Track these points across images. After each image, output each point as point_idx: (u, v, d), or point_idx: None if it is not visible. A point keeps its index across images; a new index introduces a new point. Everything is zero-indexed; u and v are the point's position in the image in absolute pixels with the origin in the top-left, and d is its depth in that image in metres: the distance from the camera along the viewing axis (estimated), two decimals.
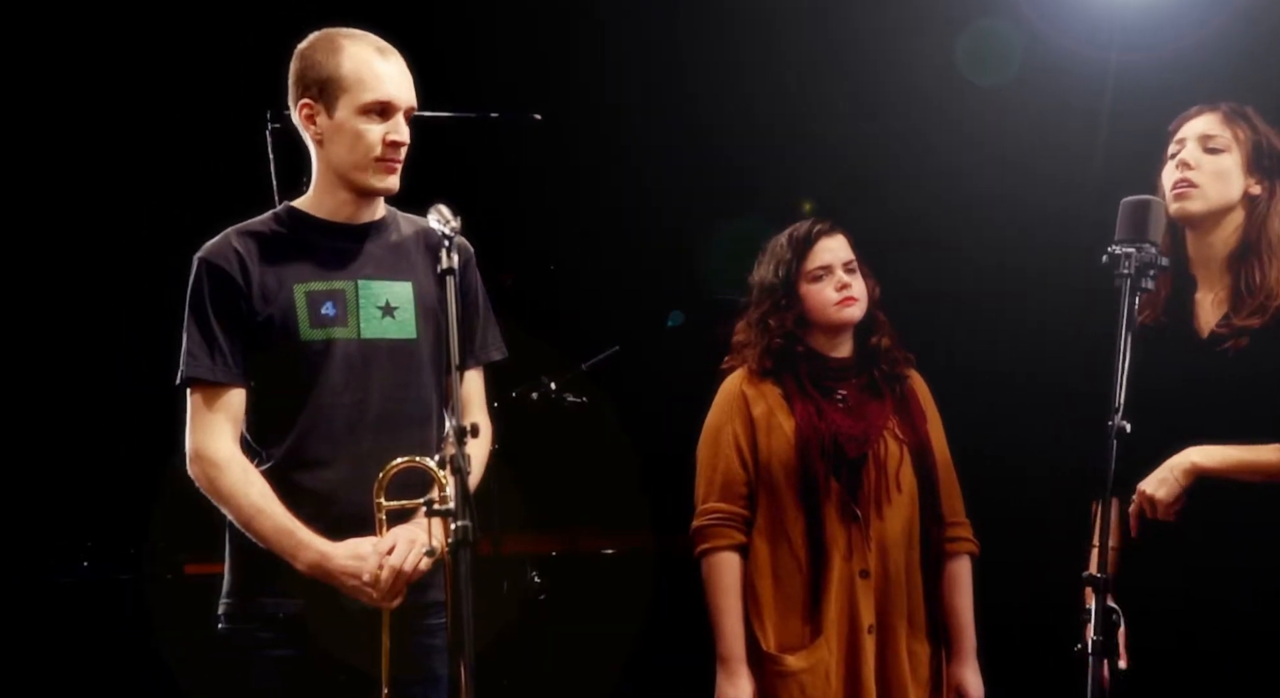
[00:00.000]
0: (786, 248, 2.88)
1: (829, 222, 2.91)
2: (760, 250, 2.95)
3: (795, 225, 2.92)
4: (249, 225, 2.43)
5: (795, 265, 2.86)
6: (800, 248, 2.87)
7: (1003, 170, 4.12)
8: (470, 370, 2.51)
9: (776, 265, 2.88)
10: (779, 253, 2.89)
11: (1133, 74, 3.96)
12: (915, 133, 4.29)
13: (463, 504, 1.94)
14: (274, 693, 2.31)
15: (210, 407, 2.34)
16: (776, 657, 2.74)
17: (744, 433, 2.83)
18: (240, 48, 4.15)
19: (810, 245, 2.86)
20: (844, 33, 4.33)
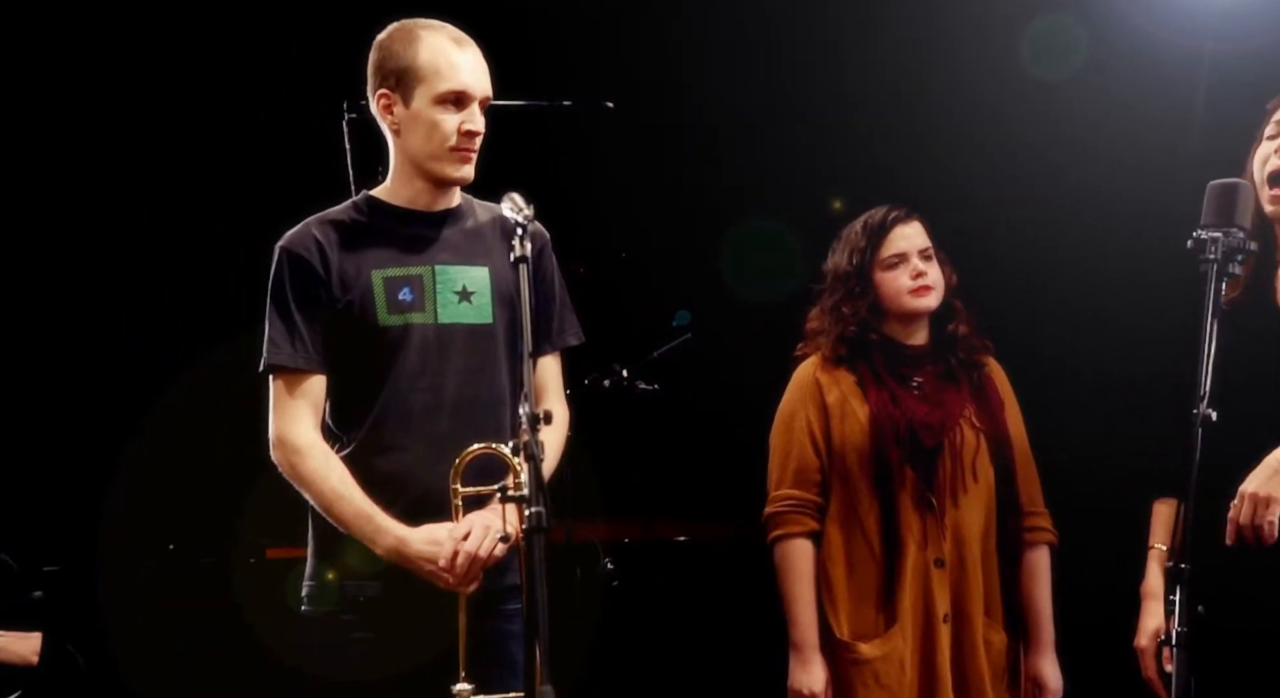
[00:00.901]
0: (861, 235, 2.86)
1: (905, 208, 2.88)
2: (835, 237, 2.93)
3: (870, 212, 2.89)
4: (328, 214, 2.46)
5: (870, 253, 2.83)
6: (875, 235, 2.84)
7: (1092, 162, 4.06)
8: (547, 356, 2.53)
9: (851, 252, 2.86)
10: (853, 240, 2.87)
11: (1228, 65, 3.88)
12: (1001, 122, 4.24)
13: (536, 491, 1.94)
14: (355, 675, 2.34)
15: (291, 393, 2.37)
16: (850, 645, 2.73)
17: (817, 420, 2.81)
18: (318, 40, 4.20)
19: (885, 233, 2.84)
20: (931, 22, 4.29)
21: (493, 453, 2.23)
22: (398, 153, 2.45)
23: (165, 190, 4.47)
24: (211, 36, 4.40)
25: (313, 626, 2.39)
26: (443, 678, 2.24)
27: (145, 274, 4.43)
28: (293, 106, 4.25)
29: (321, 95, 3.41)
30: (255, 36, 4.42)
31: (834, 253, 2.91)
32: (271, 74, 4.48)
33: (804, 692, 2.74)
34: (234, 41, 4.44)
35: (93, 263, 4.45)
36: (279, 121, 4.36)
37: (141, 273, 4.41)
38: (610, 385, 3.88)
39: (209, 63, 4.39)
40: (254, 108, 4.47)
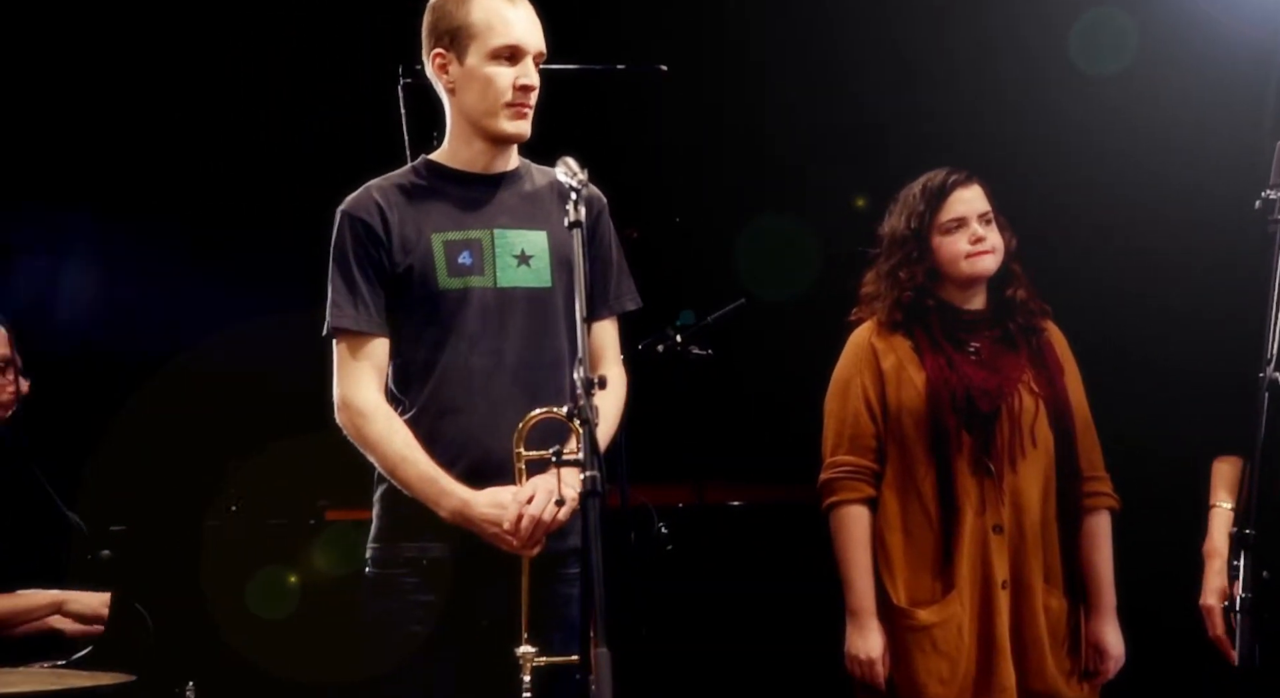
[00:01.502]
0: (919, 198, 2.82)
1: (965, 171, 2.85)
2: (892, 199, 2.91)
3: (929, 174, 2.85)
4: (388, 178, 2.47)
5: (928, 216, 2.80)
6: (934, 198, 2.81)
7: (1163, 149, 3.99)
8: (604, 321, 2.53)
9: (909, 216, 2.83)
10: (911, 203, 2.84)
11: None
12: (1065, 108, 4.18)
13: (590, 455, 1.95)
14: (418, 637, 2.36)
15: (355, 356, 2.39)
16: (907, 611, 2.73)
17: (873, 386, 2.80)
18: (375, 5, 4.21)
19: (944, 196, 2.80)
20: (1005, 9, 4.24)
21: (555, 417, 2.24)
22: (454, 113, 2.46)
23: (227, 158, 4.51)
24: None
25: (376, 588, 2.42)
26: (505, 641, 2.25)
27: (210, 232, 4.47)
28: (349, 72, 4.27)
29: (377, 61, 3.42)
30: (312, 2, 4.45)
31: (890, 216, 2.89)
32: (326, 39, 4.50)
33: (861, 658, 2.75)
34: (292, 8, 4.47)
35: (159, 219, 4.50)
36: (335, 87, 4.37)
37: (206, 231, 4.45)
38: (664, 350, 3.87)
39: (266, 28, 4.41)
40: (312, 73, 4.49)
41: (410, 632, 2.37)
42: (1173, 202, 3.95)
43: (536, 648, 2.22)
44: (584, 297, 2.08)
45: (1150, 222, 4.02)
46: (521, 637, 2.23)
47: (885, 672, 2.74)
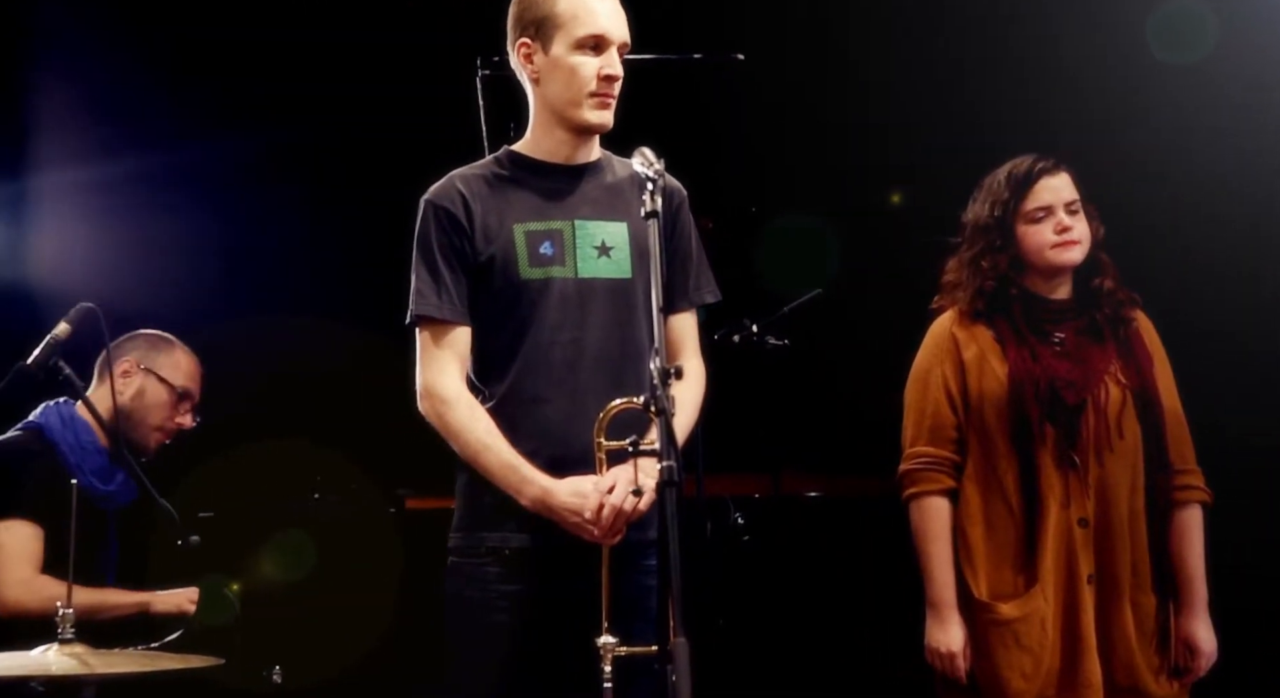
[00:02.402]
0: (1004, 186, 2.78)
1: (1052, 159, 2.80)
2: (977, 186, 2.86)
3: (1016, 161, 2.80)
4: (472, 168, 2.50)
5: (1013, 204, 2.76)
6: (1020, 187, 2.76)
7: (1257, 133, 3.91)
8: (684, 313, 2.53)
9: (993, 204, 2.78)
10: (996, 191, 2.79)
11: None
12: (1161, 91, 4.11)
13: (667, 445, 1.95)
14: (500, 626, 2.38)
15: (438, 344, 2.41)
16: (989, 605, 2.69)
17: (954, 376, 2.77)
18: None
19: (1030, 184, 2.76)
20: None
21: (635, 407, 2.24)
22: (538, 103, 2.48)
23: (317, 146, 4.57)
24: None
25: (458, 576, 2.44)
26: (586, 630, 2.26)
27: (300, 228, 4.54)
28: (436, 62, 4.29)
29: (461, 51, 3.44)
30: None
31: (974, 203, 2.84)
32: (411, 29, 4.54)
33: (942, 651, 2.72)
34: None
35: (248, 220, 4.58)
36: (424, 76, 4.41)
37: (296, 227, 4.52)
38: (740, 341, 3.87)
39: (353, 15, 4.46)
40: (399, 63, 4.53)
41: (492, 620, 2.39)
42: (1265, 189, 3.86)
43: (617, 638, 2.22)
44: (660, 286, 2.08)
45: (1241, 210, 3.94)
46: (602, 627, 2.24)
47: (966, 665, 2.71)
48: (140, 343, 3.18)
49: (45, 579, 2.91)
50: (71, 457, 3.01)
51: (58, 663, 2.19)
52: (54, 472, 2.98)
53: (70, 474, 2.95)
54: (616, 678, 2.21)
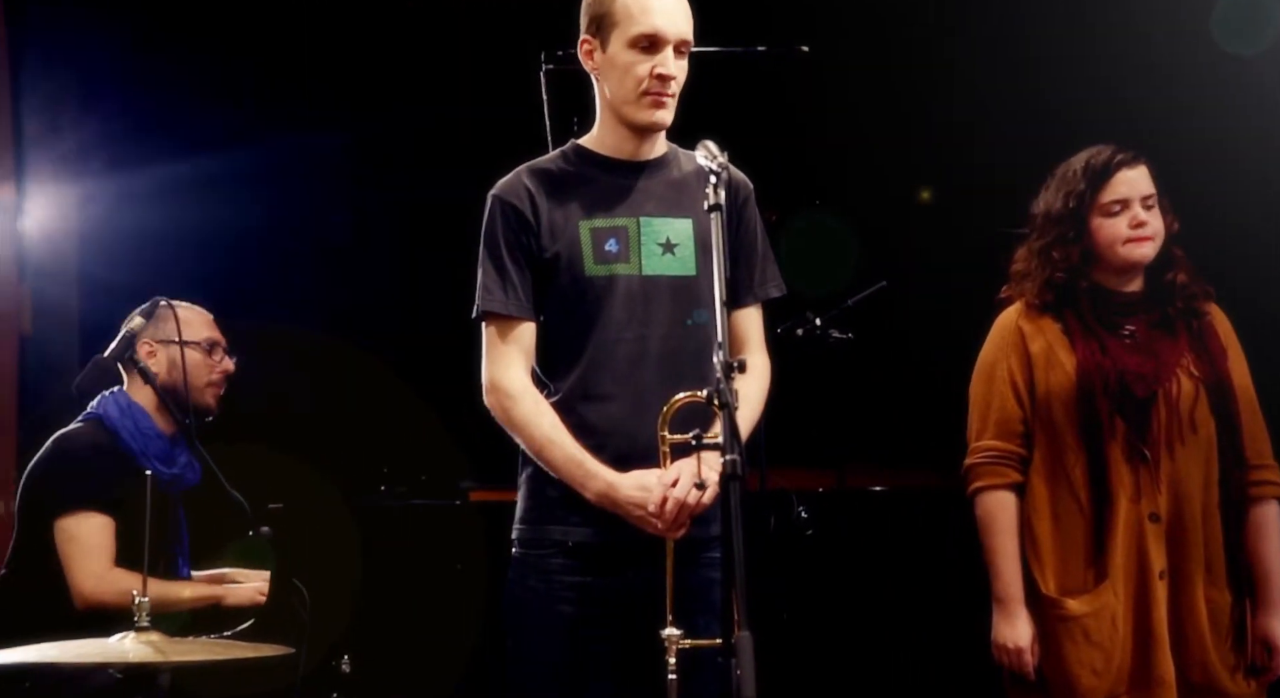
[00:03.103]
0: (1080, 177, 2.73)
1: (1131, 151, 2.74)
2: (1049, 174, 2.82)
3: (1094, 151, 2.75)
4: (539, 163, 2.51)
5: (1089, 196, 2.71)
6: (1096, 178, 2.71)
7: None
8: (749, 307, 2.53)
9: (1067, 195, 2.73)
10: (1071, 181, 2.74)
11: None
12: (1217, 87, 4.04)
13: (730, 438, 1.94)
14: (564, 617, 2.40)
15: (504, 339, 2.43)
16: (1057, 600, 2.67)
17: (1020, 369, 2.74)
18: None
19: (1108, 176, 2.71)
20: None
21: (701, 402, 2.23)
22: (600, 100, 2.49)
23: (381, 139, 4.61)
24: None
25: (523, 568, 2.45)
26: (649, 622, 2.26)
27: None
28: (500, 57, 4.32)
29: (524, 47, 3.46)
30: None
31: (1046, 192, 2.79)
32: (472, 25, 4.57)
33: (1009, 646, 2.70)
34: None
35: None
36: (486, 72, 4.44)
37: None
38: (803, 334, 3.85)
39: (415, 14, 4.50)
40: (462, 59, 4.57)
41: (555, 612, 2.40)
42: None
43: (682, 631, 2.22)
44: (723, 280, 2.08)
45: None
46: (667, 619, 2.24)
47: (1034, 661, 2.68)
48: (143, 322, 3.15)
49: (120, 572, 2.95)
50: (134, 444, 3.04)
51: (134, 650, 2.23)
52: (120, 460, 3.01)
53: (136, 461, 3.01)
54: (680, 671, 2.20)
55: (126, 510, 2.97)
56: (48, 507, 2.98)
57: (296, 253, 4.75)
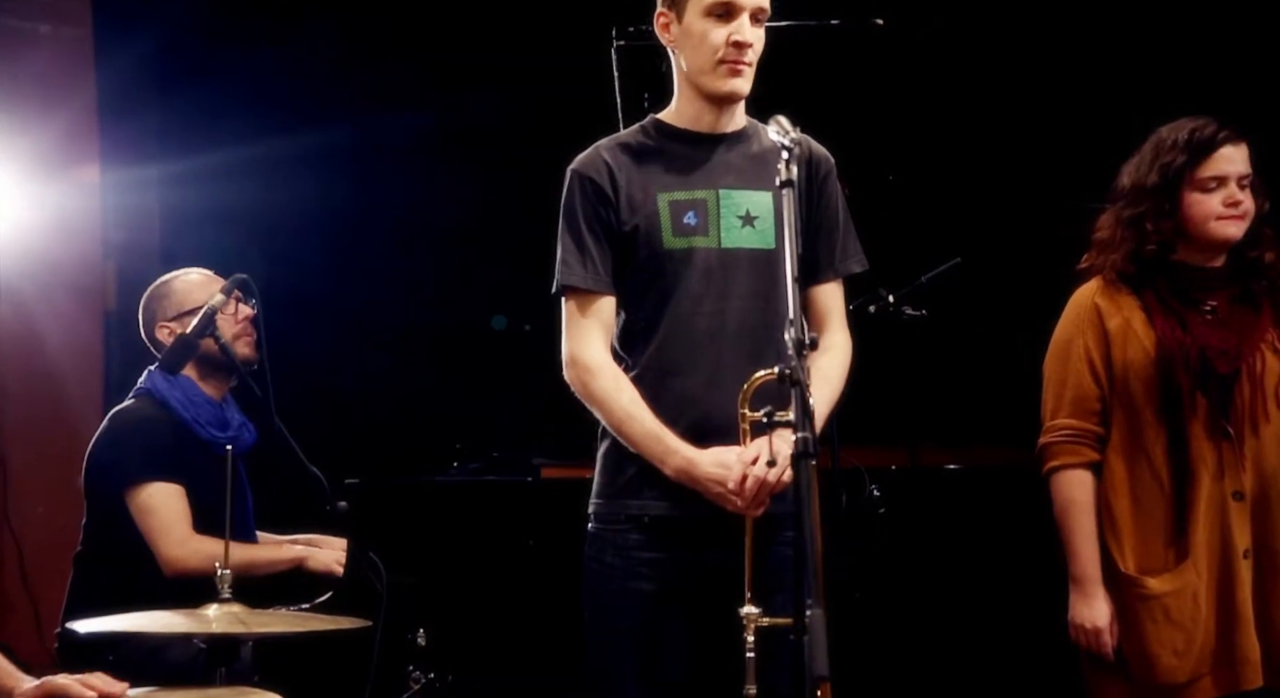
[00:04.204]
0: (1181, 149, 2.65)
1: (1234, 126, 2.66)
2: (1146, 142, 2.74)
3: (1197, 123, 2.66)
4: (618, 138, 2.51)
5: (1187, 170, 2.64)
6: (1198, 152, 2.64)
7: None
8: (829, 283, 2.52)
9: (1164, 166, 2.66)
10: (1169, 152, 2.66)
11: None
12: None
13: (802, 416, 1.93)
14: (640, 592, 2.41)
15: (584, 314, 2.43)
16: (1137, 579, 2.63)
17: (1097, 347, 2.70)
18: None
19: (1210, 151, 2.63)
20: None
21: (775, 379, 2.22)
22: (678, 73, 2.48)
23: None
24: None
25: (599, 543, 2.46)
26: (726, 599, 2.27)
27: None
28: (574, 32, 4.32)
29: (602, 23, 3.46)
30: None
31: (1140, 161, 2.72)
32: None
33: (1087, 626, 2.67)
34: None
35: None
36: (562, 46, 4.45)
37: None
38: (876, 311, 3.82)
39: None
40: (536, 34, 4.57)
41: (632, 587, 2.41)
42: None
43: (760, 609, 2.23)
44: (795, 255, 2.06)
45: None
46: (745, 597, 2.24)
47: (1113, 641, 2.66)
48: (152, 306, 3.20)
49: (202, 538, 3.00)
50: (185, 412, 3.08)
51: (217, 621, 2.28)
52: (175, 429, 3.07)
53: (190, 429, 3.05)
54: (758, 649, 2.21)
55: (190, 478, 3.02)
56: (116, 482, 3.03)
57: (376, 231, 4.79)
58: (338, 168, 4.72)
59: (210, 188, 4.64)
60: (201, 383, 3.15)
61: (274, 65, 4.71)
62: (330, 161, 4.68)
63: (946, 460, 3.98)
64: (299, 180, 4.66)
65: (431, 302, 4.67)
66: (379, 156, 4.80)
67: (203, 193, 4.66)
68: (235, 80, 4.75)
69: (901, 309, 3.82)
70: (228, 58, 4.75)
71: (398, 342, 4.54)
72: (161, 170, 4.82)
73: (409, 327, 4.56)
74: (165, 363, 2.96)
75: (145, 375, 3.18)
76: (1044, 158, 4.47)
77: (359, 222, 4.87)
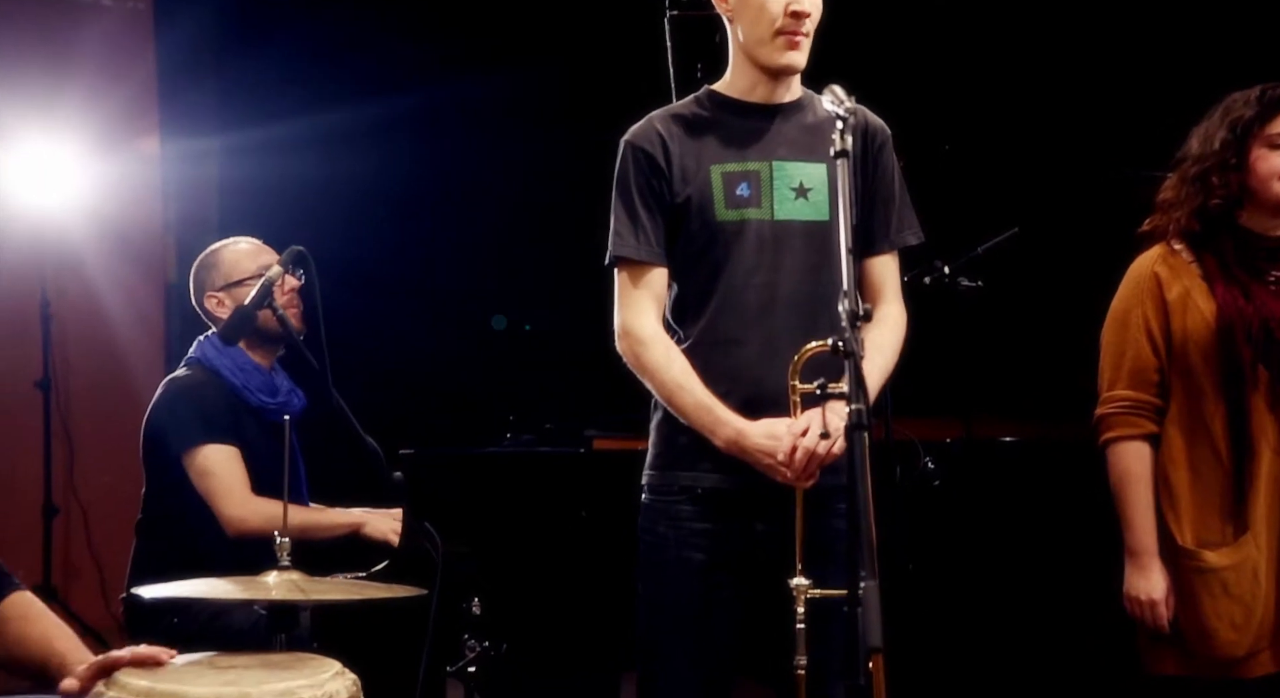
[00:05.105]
0: (1251, 105, 2.62)
1: None
2: (1214, 105, 2.70)
3: (1270, 85, 2.63)
4: (671, 109, 2.50)
5: (1255, 124, 2.60)
6: (1268, 108, 2.60)
7: None
8: (884, 255, 2.50)
9: (1233, 122, 2.62)
10: (1239, 108, 2.63)
11: None
12: None
13: (856, 387, 1.92)
14: (693, 563, 2.41)
15: (635, 285, 2.43)
16: (1195, 552, 2.60)
17: (1155, 317, 2.66)
18: None
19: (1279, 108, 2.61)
20: None
21: (828, 351, 2.21)
22: (733, 43, 2.46)
23: None
24: None
25: (652, 514, 2.47)
26: (777, 571, 2.27)
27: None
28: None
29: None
30: None
31: (1209, 123, 2.68)
32: None
33: (1142, 599, 2.65)
34: None
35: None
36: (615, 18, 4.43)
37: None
38: (931, 282, 3.79)
39: None
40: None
41: (684, 557, 2.42)
42: None
43: (810, 581, 2.22)
44: (848, 227, 2.05)
45: None
46: (796, 569, 2.24)
47: (1169, 615, 2.63)
48: (200, 275, 3.22)
49: (261, 500, 3.03)
50: (235, 379, 3.12)
51: (277, 588, 2.32)
52: (226, 395, 3.10)
53: (240, 396, 3.10)
54: (808, 620, 2.21)
55: (242, 442, 3.06)
56: (174, 447, 3.07)
57: (435, 203, 4.81)
58: (396, 139, 4.75)
59: (268, 160, 4.68)
60: (251, 352, 3.19)
61: (332, 36, 4.73)
62: (388, 133, 4.70)
63: (1002, 433, 3.95)
64: (357, 152, 4.69)
65: (488, 273, 4.69)
66: (438, 128, 4.82)
67: (260, 165, 4.70)
68: (293, 52, 4.78)
69: (957, 280, 3.79)
70: (286, 30, 4.78)
71: (454, 313, 4.57)
72: (220, 142, 4.87)
73: (465, 298, 4.58)
74: (223, 333, 3.00)
75: (195, 345, 3.23)
76: (1106, 125, 4.41)
77: (418, 193, 4.89)
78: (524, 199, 4.81)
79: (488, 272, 4.69)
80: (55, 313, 5.03)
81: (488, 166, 4.83)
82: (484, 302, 4.55)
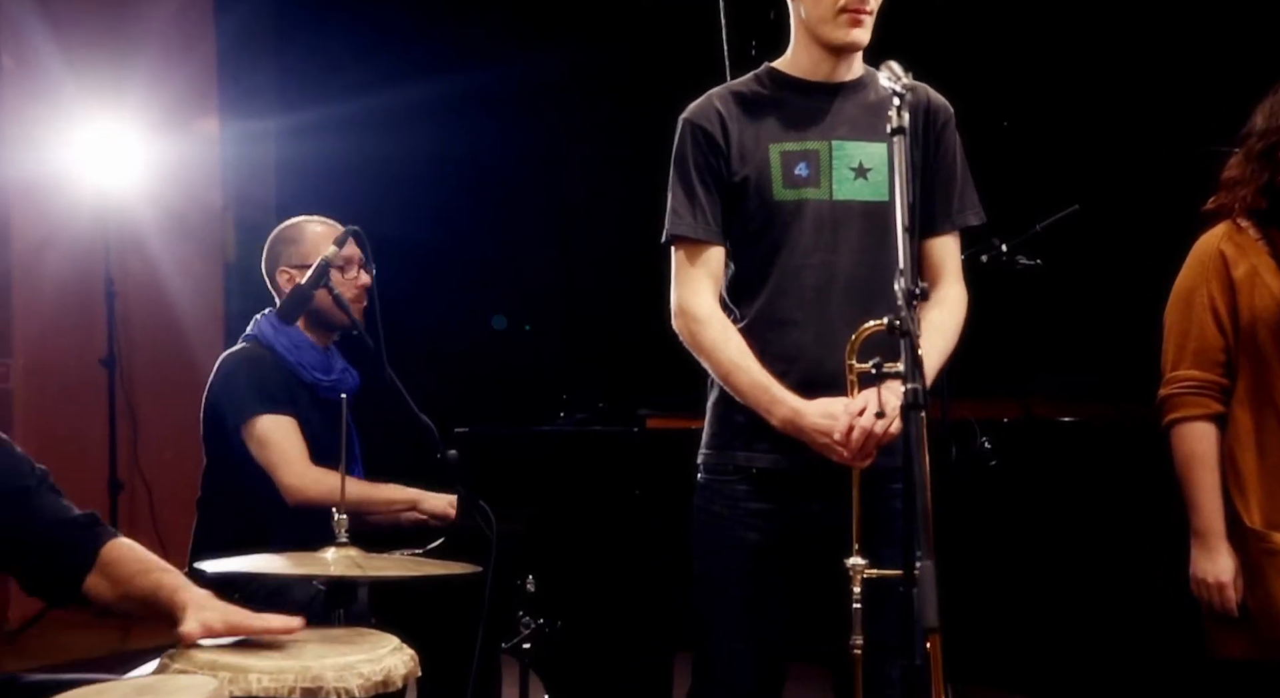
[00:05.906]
0: None
1: None
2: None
3: None
4: (731, 86, 2.48)
5: None
6: None
7: None
8: (945, 235, 2.47)
9: None
10: None
11: None
12: None
13: (912, 367, 1.89)
14: (748, 542, 2.41)
15: (693, 263, 2.42)
16: (1264, 534, 2.55)
17: (1221, 295, 2.61)
18: None
19: None
20: None
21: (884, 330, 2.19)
22: (795, 21, 2.44)
23: None
24: None
25: (708, 493, 2.46)
26: (833, 551, 2.26)
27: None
28: None
29: None
30: None
31: (1272, 97, 2.62)
32: None
33: (1209, 581, 2.60)
34: None
35: None
36: None
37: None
38: (988, 261, 3.74)
39: None
40: None
41: (739, 537, 2.41)
42: None
43: (868, 560, 2.21)
44: (905, 206, 2.02)
45: None
46: (852, 548, 2.23)
47: (1237, 596, 2.59)
48: (278, 247, 3.22)
49: (320, 470, 3.05)
50: (290, 356, 3.13)
51: (335, 564, 2.34)
52: (281, 370, 3.12)
53: (295, 372, 3.12)
54: (864, 600, 2.20)
55: (297, 416, 3.09)
56: (230, 421, 3.09)
57: (491, 183, 4.82)
58: (453, 119, 4.76)
59: (325, 140, 4.71)
60: (308, 332, 3.21)
61: (389, 17, 4.75)
62: (444, 113, 4.71)
63: (1060, 413, 3.90)
64: (412, 132, 4.71)
65: (544, 254, 4.69)
66: (495, 107, 4.82)
67: (318, 145, 4.74)
68: (351, 34, 4.80)
69: (1015, 258, 3.74)
70: (343, 11, 4.80)
71: (509, 292, 4.58)
72: (278, 123, 4.91)
73: (521, 278, 4.59)
74: (281, 311, 3.02)
75: (252, 323, 3.26)
76: (1169, 100, 4.33)
77: (475, 172, 4.91)
78: (581, 177, 4.81)
79: (542, 253, 4.70)
80: (119, 291, 5.11)
81: (544, 145, 4.83)
82: (541, 280, 4.55)
